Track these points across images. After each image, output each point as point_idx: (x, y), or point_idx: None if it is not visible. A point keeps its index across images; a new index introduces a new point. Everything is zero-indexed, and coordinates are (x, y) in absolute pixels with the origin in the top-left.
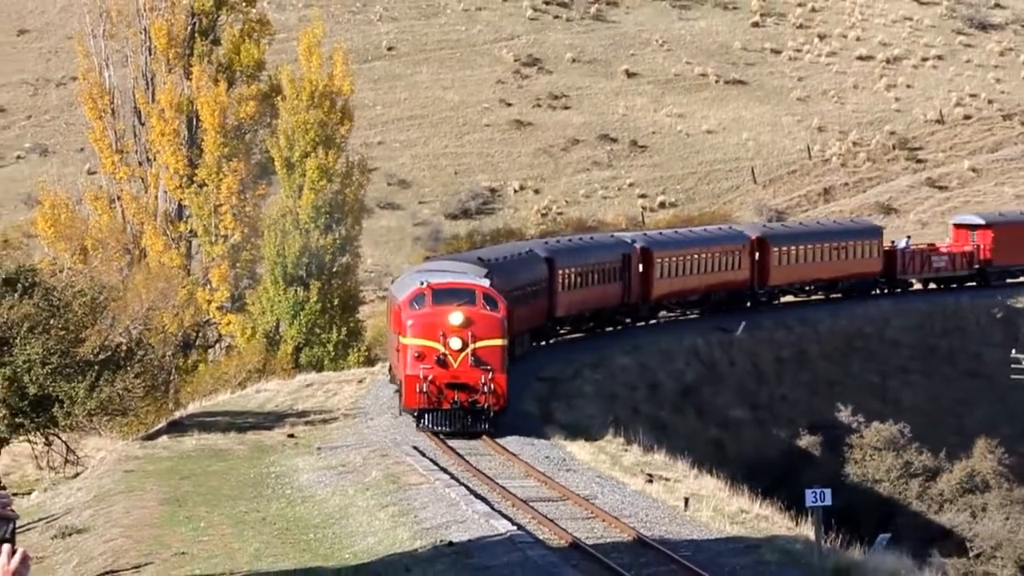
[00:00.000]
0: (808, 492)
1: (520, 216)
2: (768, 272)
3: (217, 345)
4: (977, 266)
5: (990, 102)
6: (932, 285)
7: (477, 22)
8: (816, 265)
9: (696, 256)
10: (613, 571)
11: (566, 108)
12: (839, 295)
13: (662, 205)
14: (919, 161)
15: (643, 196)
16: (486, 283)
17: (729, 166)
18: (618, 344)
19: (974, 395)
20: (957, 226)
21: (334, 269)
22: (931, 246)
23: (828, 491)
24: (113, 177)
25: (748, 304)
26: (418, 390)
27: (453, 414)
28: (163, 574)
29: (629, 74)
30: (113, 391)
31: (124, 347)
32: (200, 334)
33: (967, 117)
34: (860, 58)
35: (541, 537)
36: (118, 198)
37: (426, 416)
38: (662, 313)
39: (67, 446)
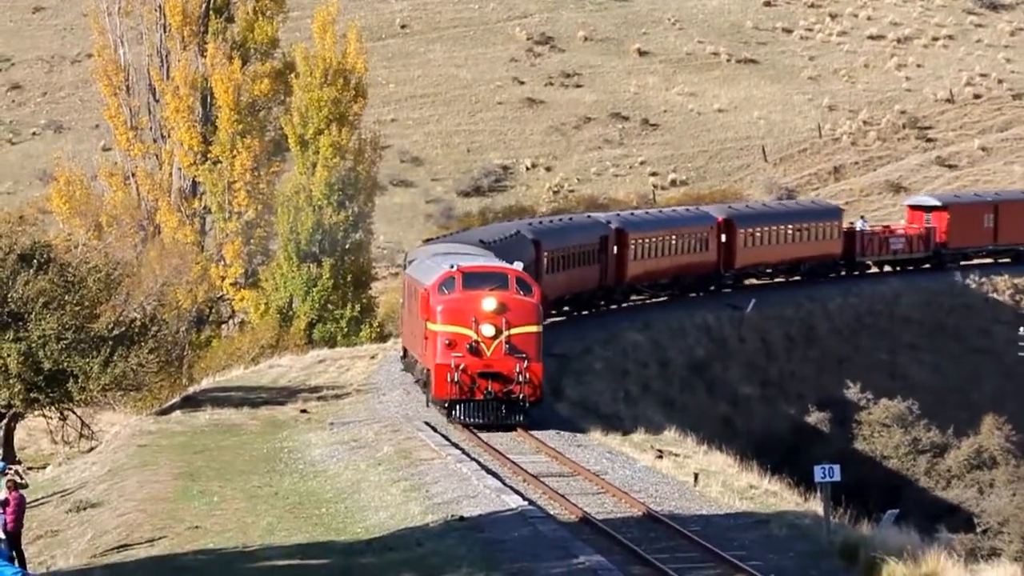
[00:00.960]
0: (817, 468)
1: (532, 194)
2: (735, 254)
3: (230, 321)
4: (933, 248)
5: (1000, 81)
6: (889, 268)
7: (490, 0)
8: (780, 247)
9: (666, 238)
10: (623, 545)
11: (578, 86)
12: (799, 278)
13: (673, 183)
14: (929, 140)
15: (654, 174)
16: (519, 267)
17: (740, 144)
18: (630, 320)
19: (982, 372)
20: (912, 207)
21: (347, 246)
22: (887, 228)
23: (837, 467)
24: (128, 154)
25: (712, 288)
26: (449, 380)
27: (486, 405)
28: (176, 548)
29: (641, 53)
30: (127, 366)
31: (138, 323)
32: (213, 310)
33: (977, 96)
34: (871, 37)
35: (552, 512)
36: (133, 175)
37: (458, 407)
38: (632, 297)
39: (82, 421)
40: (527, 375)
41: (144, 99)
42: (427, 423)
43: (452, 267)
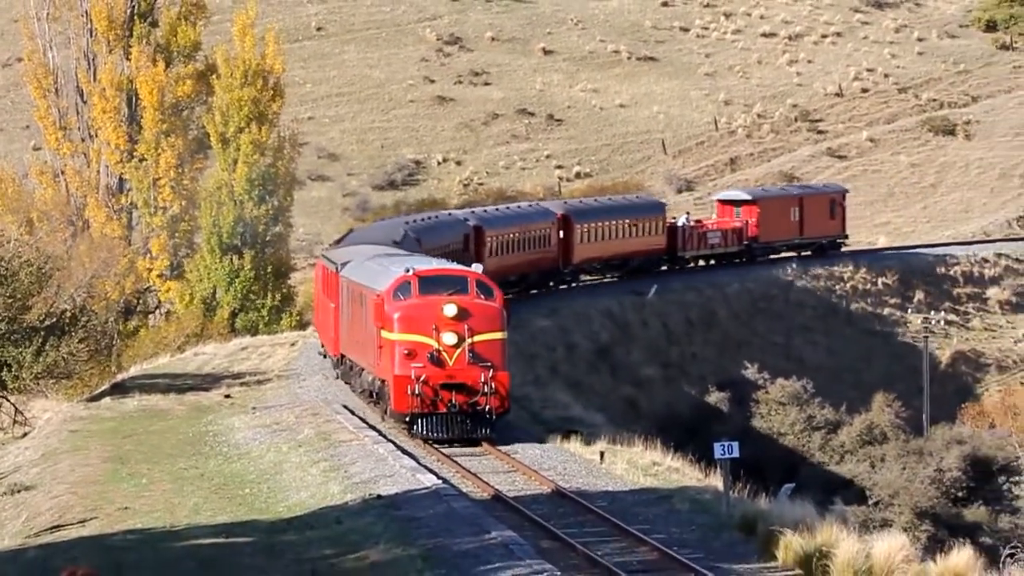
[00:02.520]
0: (716, 445)
1: (443, 187)
2: (572, 250)
3: (157, 311)
4: (745, 242)
5: (886, 76)
6: (706, 262)
7: (401, 3)
8: (613, 243)
9: (516, 235)
10: (533, 521)
11: (486, 84)
12: (618, 276)
13: (578, 175)
14: (820, 132)
15: (560, 167)
16: (478, 269)
17: (641, 138)
18: (535, 307)
19: (872, 353)
20: (722, 202)
21: (267, 238)
22: (699, 223)
23: (735, 444)
24: (57, 153)
25: (552, 284)
26: (410, 392)
27: (450, 418)
28: (107, 528)
29: (546, 52)
30: (58, 355)
31: (69, 314)
32: (141, 300)
33: (864, 90)
34: (763, 35)
35: (465, 490)
36: (62, 172)
37: (420, 421)
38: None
39: (15, 408)
40: (493, 385)
41: (72, 100)
42: (345, 406)
43: (407, 271)
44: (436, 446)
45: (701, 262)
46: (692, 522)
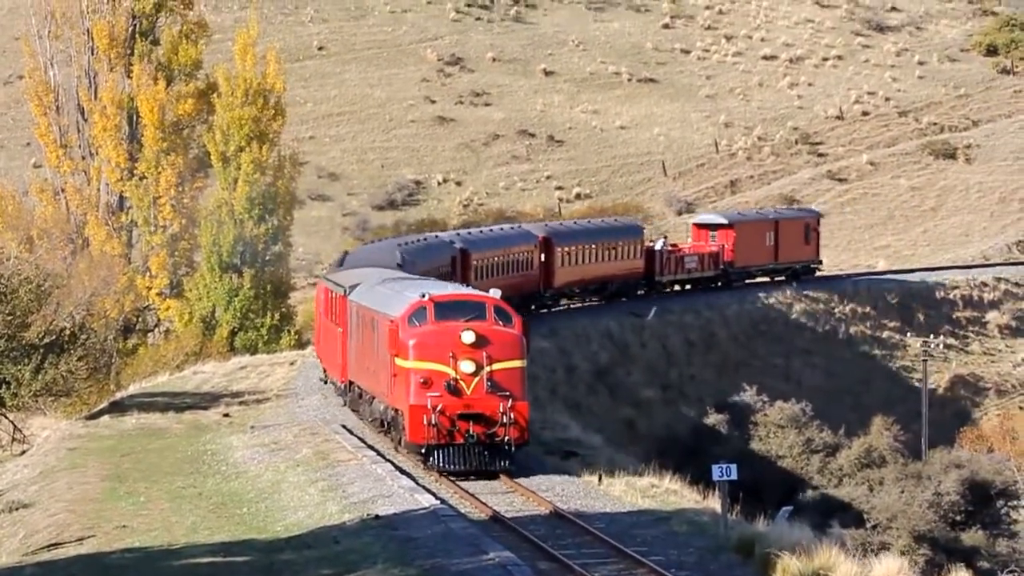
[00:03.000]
0: (715, 467)
1: (443, 207)
2: (553, 273)
3: (156, 329)
4: (721, 267)
5: (887, 99)
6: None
7: (403, 23)
8: (593, 266)
9: (501, 257)
10: (531, 542)
11: (487, 105)
12: (599, 300)
13: (578, 196)
14: (820, 155)
15: (559, 188)
16: (497, 294)
17: (641, 160)
18: (536, 328)
19: (871, 375)
20: (698, 226)
21: (267, 257)
22: (675, 247)
23: (734, 466)
24: (58, 170)
25: (533, 308)
26: (426, 423)
27: (468, 450)
28: (104, 546)
29: (547, 73)
30: (57, 373)
31: (68, 331)
32: (140, 319)
33: (865, 113)
34: (765, 58)
35: (463, 511)
36: (62, 190)
37: (436, 453)
38: None
39: (14, 425)
40: (512, 415)
41: (73, 118)
42: (344, 426)
43: (423, 296)
44: (452, 479)
45: (678, 287)
46: (690, 544)
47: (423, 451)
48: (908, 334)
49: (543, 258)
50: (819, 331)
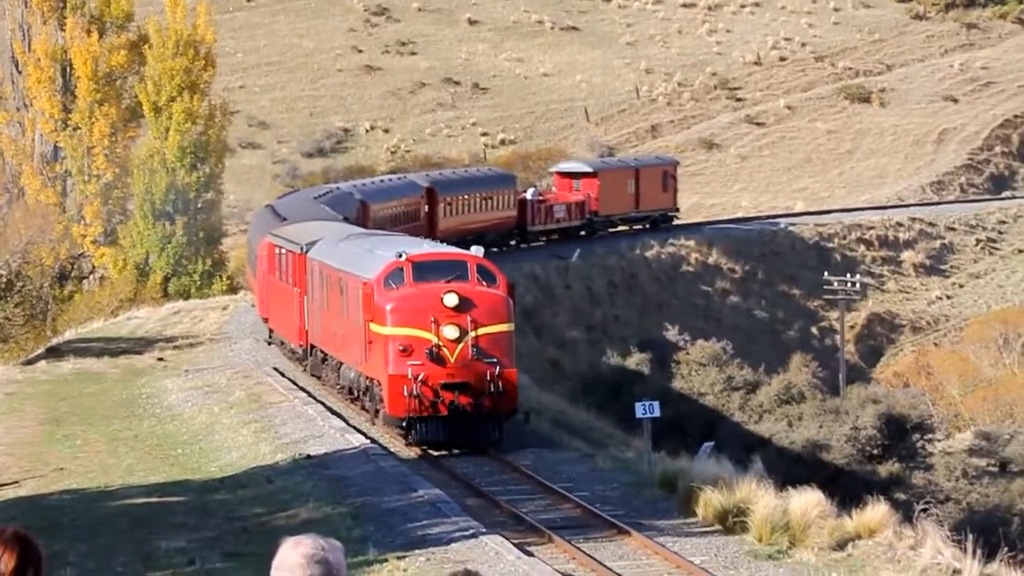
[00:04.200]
0: (638, 405)
1: (371, 154)
2: (436, 224)
3: (91, 276)
4: (587, 216)
5: (803, 45)
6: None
7: None
8: (472, 216)
9: (394, 208)
10: (459, 479)
11: (413, 54)
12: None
13: (502, 142)
14: (738, 100)
15: (485, 134)
16: (479, 253)
17: (564, 106)
18: None
19: (790, 314)
20: (561, 175)
21: (199, 205)
22: (544, 197)
23: (656, 404)
24: None
25: None
26: (406, 393)
27: (453, 422)
28: (43, 488)
29: (471, 22)
30: None
31: (4, 279)
32: (75, 266)
33: (782, 59)
34: (684, 5)
35: (393, 450)
36: None
37: (418, 426)
38: None
39: None
40: (500, 384)
41: (7, 70)
42: (276, 369)
43: (400, 255)
44: (365, 408)
45: (546, 237)
46: (615, 480)
47: (404, 424)
48: (825, 273)
49: (427, 208)
50: (738, 272)
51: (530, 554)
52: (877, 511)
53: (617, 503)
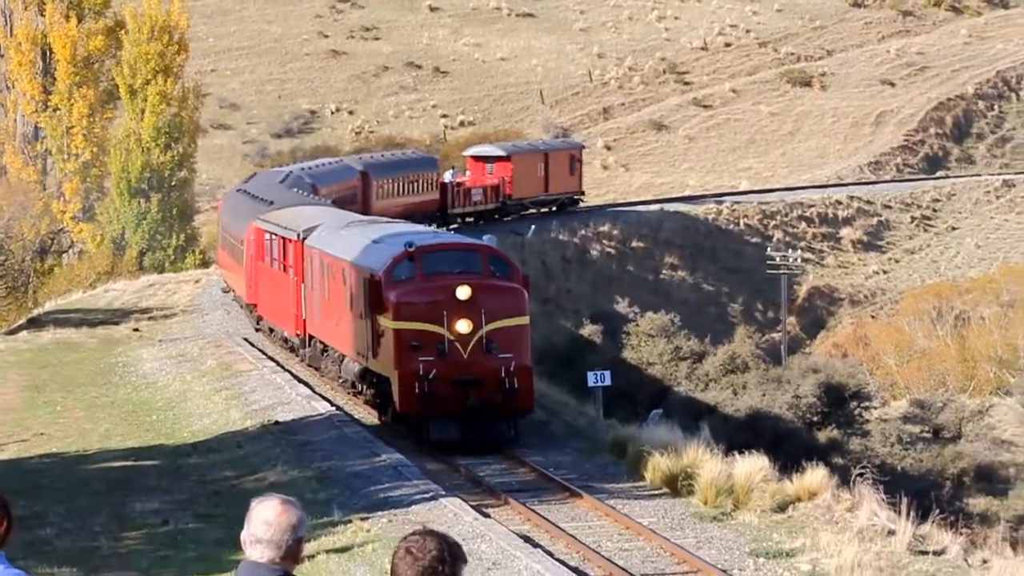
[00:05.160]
0: (589, 374)
1: (337, 135)
2: (370, 206)
3: (70, 250)
4: (501, 199)
5: (747, 31)
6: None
7: None
8: (400, 199)
9: (333, 193)
10: (419, 444)
11: (376, 39)
12: None
13: (461, 124)
14: (686, 83)
15: (445, 116)
16: (492, 241)
17: (520, 89)
18: None
19: (734, 288)
20: (474, 158)
21: (172, 183)
22: (461, 180)
23: (607, 373)
24: None
25: None
26: (417, 391)
27: (467, 420)
28: (24, 452)
29: (432, 8)
30: None
31: None
32: (55, 241)
33: (727, 45)
34: None
35: (356, 417)
36: None
37: (430, 425)
38: None
39: None
40: (515, 380)
41: None
42: (245, 339)
43: (408, 245)
44: (329, 376)
45: (462, 220)
46: (567, 446)
47: (414, 423)
48: (768, 249)
49: (363, 191)
50: (686, 247)
51: (487, 515)
52: (816, 475)
53: (570, 468)
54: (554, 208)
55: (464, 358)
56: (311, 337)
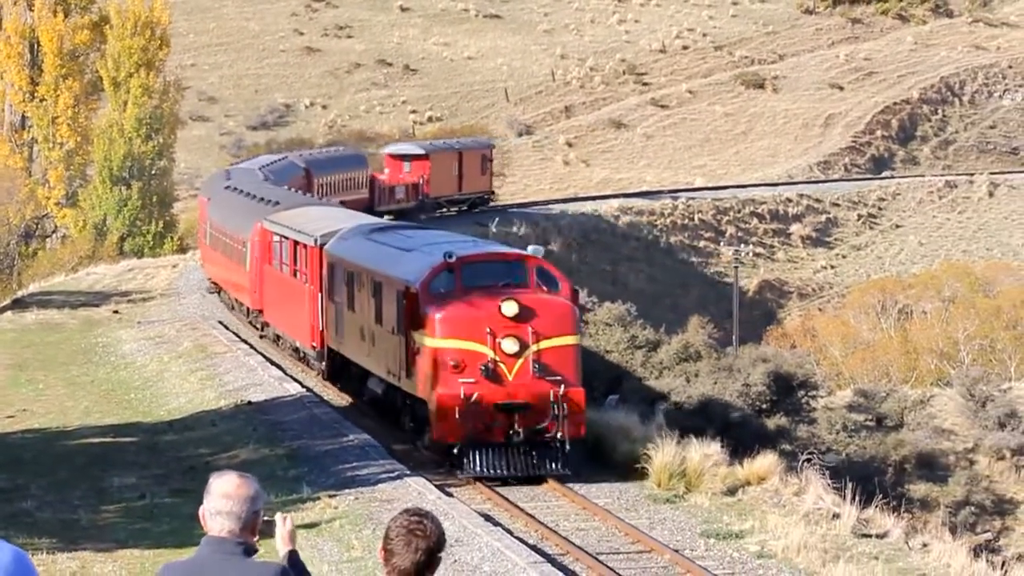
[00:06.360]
0: None
1: (311, 128)
2: None
3: (54, 235)
4: (420, 198)
5: (704, 35)
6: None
7: None
8: (339, 196)
9: (288, 187)
10: (386, 426)
11: (349, 37)
12: None
13: (430, 119)
14: (645, 84)
15: (414, 112)
16: (539, 253)
17: (486, 87)
18: None
19: (689, 281)
20: (392, 156)
21: (153, 171)
22: (381, 178)
23: None
24: None
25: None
26: (458, 416)
27: (511, 450)
28: (6, 428)
29: (403, 9)
30: None
31: None
32: (40, 226)
33: (685, 47)
34: None
35: (326, 398)
36: None
37: (471, 454)
38: None
39: None
40: (565, 406)
41: None
42: (220, 322)
43: (448, 256)
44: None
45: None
46: None
47: (455, 451)
48: (721, 243)
49: (307, 188)
50: (642, 241)
51: (450, 495)
52: (765, 460)
53: None
54: (465, 207)
55: (510, 380)
56: (331, 351)
